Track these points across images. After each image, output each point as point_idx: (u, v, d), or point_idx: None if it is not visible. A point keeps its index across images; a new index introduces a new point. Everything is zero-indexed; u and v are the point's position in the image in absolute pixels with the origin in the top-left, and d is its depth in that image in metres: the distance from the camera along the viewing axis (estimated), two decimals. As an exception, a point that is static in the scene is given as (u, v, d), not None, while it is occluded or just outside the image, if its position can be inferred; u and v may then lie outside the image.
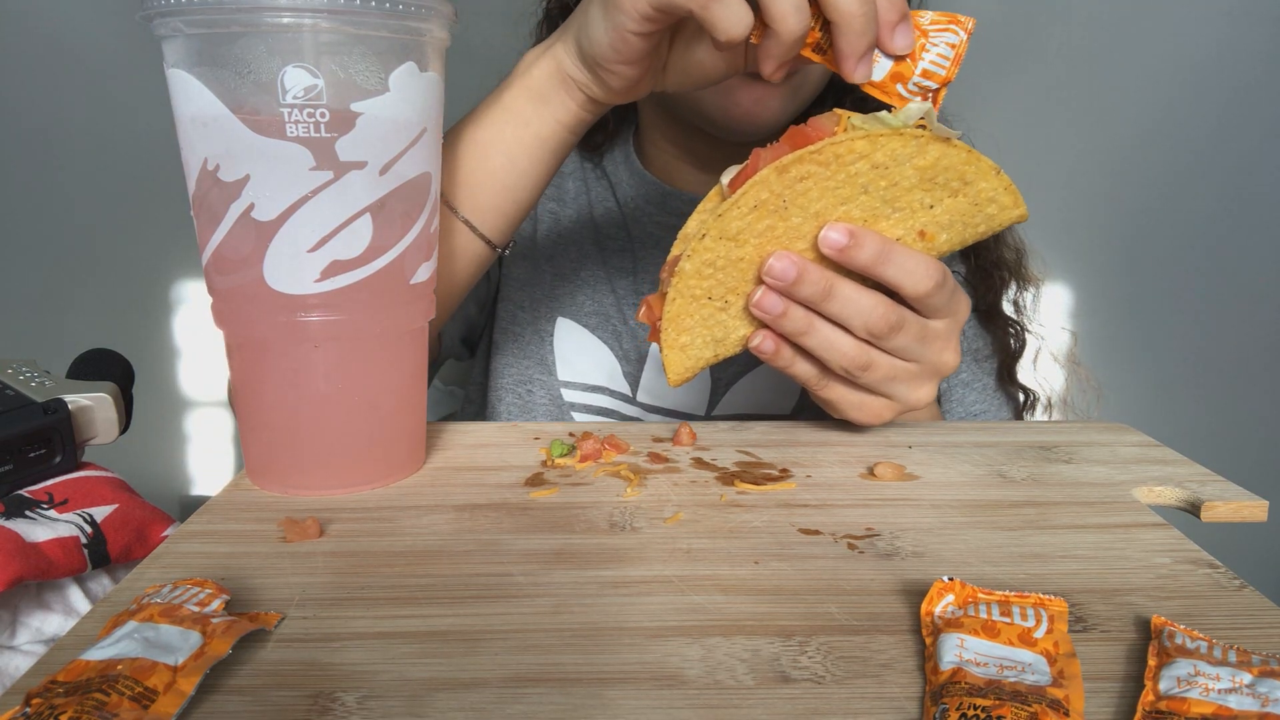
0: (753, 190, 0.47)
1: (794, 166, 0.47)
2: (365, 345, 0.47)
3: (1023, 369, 0.83)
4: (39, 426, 0.48)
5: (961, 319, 0.54)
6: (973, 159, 0.48)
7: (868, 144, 0.47)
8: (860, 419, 0.55)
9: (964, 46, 0.48)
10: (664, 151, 0.82)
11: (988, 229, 0.51)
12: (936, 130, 0.47)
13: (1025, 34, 1.36)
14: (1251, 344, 1.50)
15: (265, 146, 0.42)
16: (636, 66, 0.53)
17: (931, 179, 0.48)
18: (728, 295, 0.51)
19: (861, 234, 0.49)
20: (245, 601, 0.37)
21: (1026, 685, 0.30)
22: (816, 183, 0.47)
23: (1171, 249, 1.47)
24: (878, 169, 0.47)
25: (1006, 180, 0.49)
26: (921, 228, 0.50)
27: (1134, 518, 0.45)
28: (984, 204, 0.50)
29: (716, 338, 0.52)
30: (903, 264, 0.49)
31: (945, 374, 0.55)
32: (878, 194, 0.48)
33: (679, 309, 0.51)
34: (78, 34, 1.38)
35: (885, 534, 0.43)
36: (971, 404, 0.80)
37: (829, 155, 0.47)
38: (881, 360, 0.52)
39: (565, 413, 0.79)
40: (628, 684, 0.32)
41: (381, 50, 0.43)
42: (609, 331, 0.81)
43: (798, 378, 0.54)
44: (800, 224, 0.49)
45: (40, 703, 0.28)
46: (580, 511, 0.46)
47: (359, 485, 0.49)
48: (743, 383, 0.79)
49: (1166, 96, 1.40)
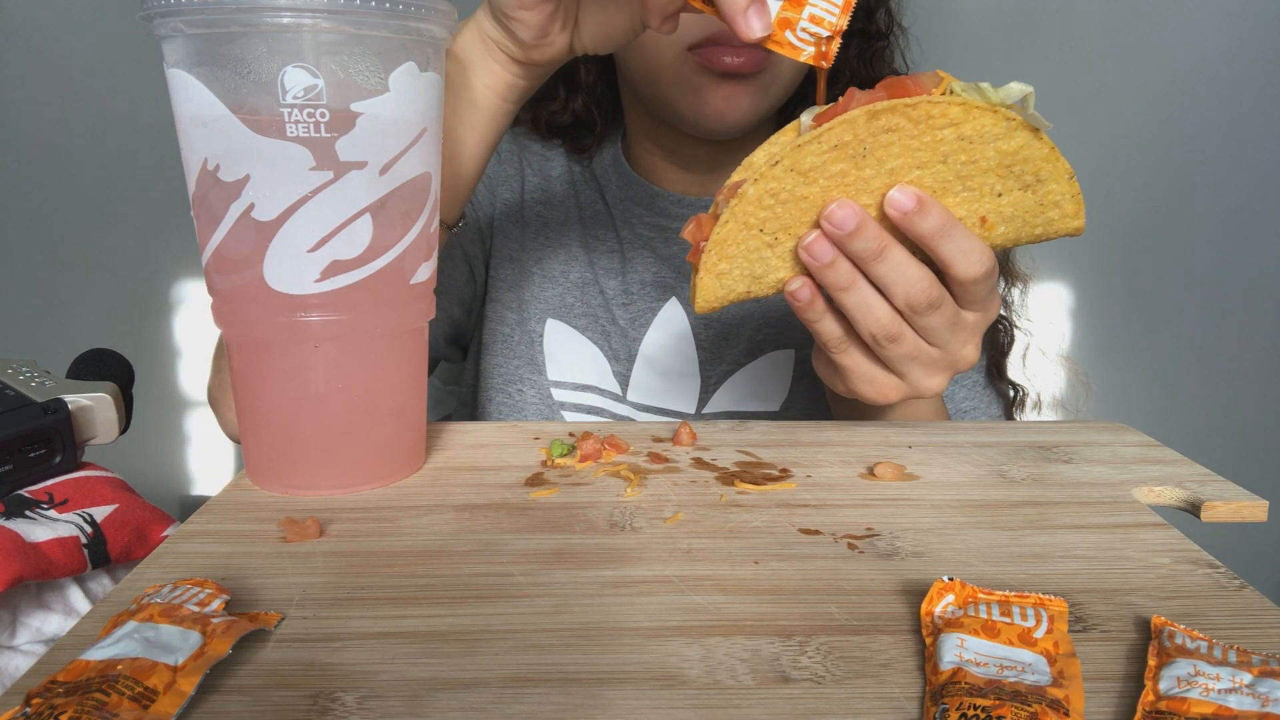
0: (839, 128, 0.46)
1: (885, 115, 0.46)
2: (365, 345, 0.47)
3: (1012, 366, 0.83)
4: (39, 426, 0.48)
5: (991, 318, 0.54)
6: (1053, 157, 0.48)
7: (961, 112, 0.46)
8: (868, 394, 0.55)
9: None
10: (650, 153, 0.83)
11: (1044, 233, 0.51)
12: (1030, 118, 0.46)
13: (1026, 33, 1.36)
14: (1252, 344, 1.50)
15: (265, 146, 0.42)
16: (535, 11, 0.53)
17: (1009, 167, 0.48)
18: (779, 232, 0.49)
19: (929, 203, 0.48)
20: (245, 601, 0.37)
21: (1026, 685, 0.30)
22: (901, 138, 0.47)
23: (1172, 248, 1.47)
24: (963, 140, 0.47)
25: (1076, 189, 0.49)
26: (984, 214, 0.49)
27: (1134, 518, 0.45)
28: (1049, 206, 0.49)
29: (755, 274, 0.51)
30: (960, 243, 0.49)
31: (962, 368, 0.54)
32: (955, 167, 0.48)
33: (729, 233, 0.49)
34: (78, 34, 1.39)
35: (885, 534, 0.43)
36: (960, 400, 0.80)
37: (921, 113, 0.46)
38: (909, 336, 0.51)
39: (555, 412, 0.79)
40: (627, 684, 0.32)
41: (381, 50, 0.43)
42: (598, 331, 0.81)
43: (820, 335, 0.53)
44: (872, 177, 0.48)
45: (40, 703, 0.28)
46: (580, 511, 0.46)
47: (359, 485, 0.49)
48: (732, 381, 0.79)
49: (1168, 95, 1.40)
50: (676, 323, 0.80)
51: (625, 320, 0.81)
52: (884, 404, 0.55)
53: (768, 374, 0.79)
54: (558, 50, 0.57)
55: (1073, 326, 1.52)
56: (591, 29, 0.56)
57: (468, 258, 0.83)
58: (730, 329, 0.80)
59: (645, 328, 0.80)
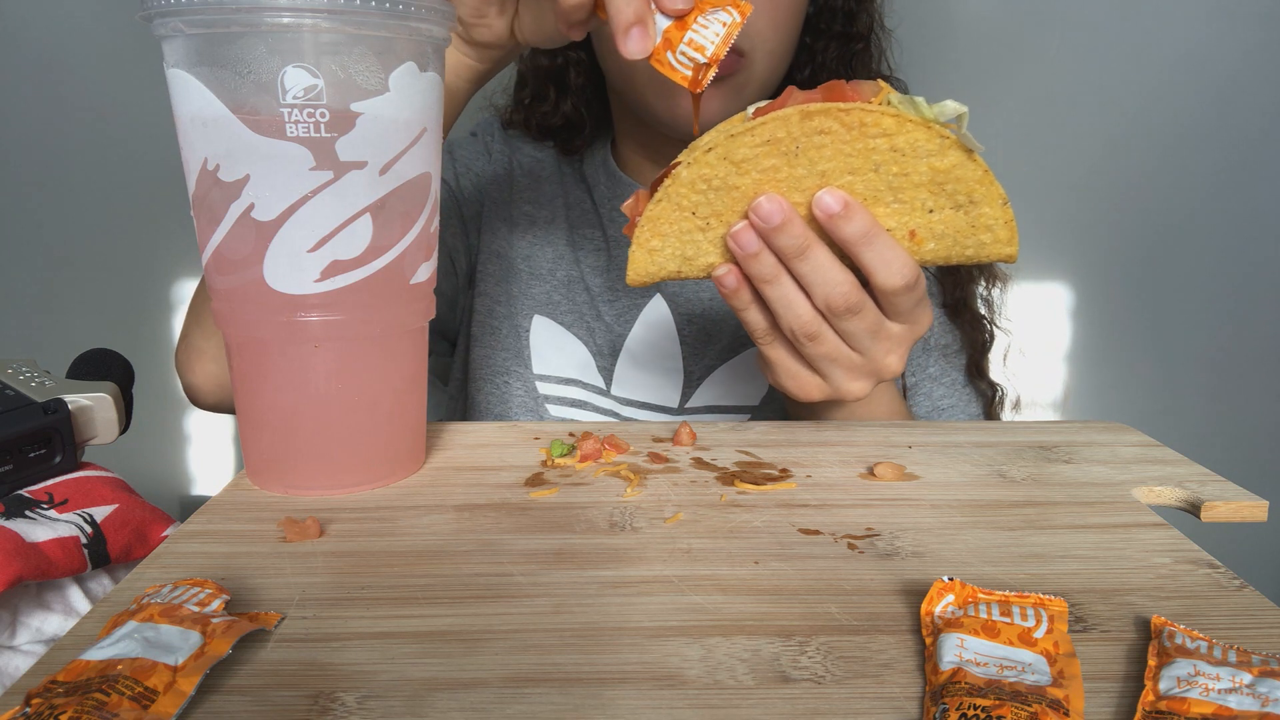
0: (771, 124, 0.47)
1: (818, 117, 0.46)
2: (365, 345, 0.47)
3: (992, 366, 0.83)
4: (39, 426, 0.48)
5: (919, 332, 0.55)
6: (987, 180, 0.48)
7: (895, 124, 0.46)
8: (791, 389, 0.56)
9: (736, 29, 0.48)
10: (635, 153, 0.85)
11: (975, 255, 0.51)
12: (963, 138, 0.47)
13: (1026, 33, 1.36)
14: (1252, 344, 1.50)
15: (265, 146, 0.42)
16: None
17: (941, 184, 0.48)
18: (711, 217, 0.51)
19: (856, 208, 0.49)
20: (245, 601, 0.37)
21: (1026, 685, 0.30)
22: (833, 140, 0.47)
23: (1172, 249, 1.47)
24: (896, 152, 0.47)
25: (1010, 215, 0.49)
26: (914, 228, 0.50)
27: (1134, 518, 0.45)
28: (980, 230, 0.50)
29: (686, 255, 0.52)
30: (882, 253, 0.50)
31: (885, 377, 0.55)
32: (886, 178, 0.48)
33: (661, 211, 0.51)
34: (78, 34, 1.38)
35: (885, 534, 0.43)
36: (939, 398, 0.80)
37: (855, 119, 0.47)
38: (829, 337, 0.52)
39: (540, 405, 0.80)
40: (627, 684, 0.32)
41: (381, 50, 0.43)
42: (584, 328, 0.82)
43: (747, 324, 0.54)
44: (804, 176, 0.49)
45: (40, 703, 0.28)
46: (580, 511, 0.46)
47: (359, 485, 0.49)
48: (714, 377, 0.80)
49: (1169, 95, 1.40)
50: (661, 319, 0.81)
51: (610, 316, 0.82)
52: (807, 401, 0.56)
53: (749, 370, 0.80)
54: (498, 33, 0.58)
55: (1073, 326, 1.51)
56: (528, 20, 0.58)
57: (448, 249, 0.85)
58: (713, 326, 0.81)
59: (630, 324, 0.81)
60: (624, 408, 0.81)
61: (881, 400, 0.65)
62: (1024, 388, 0.85)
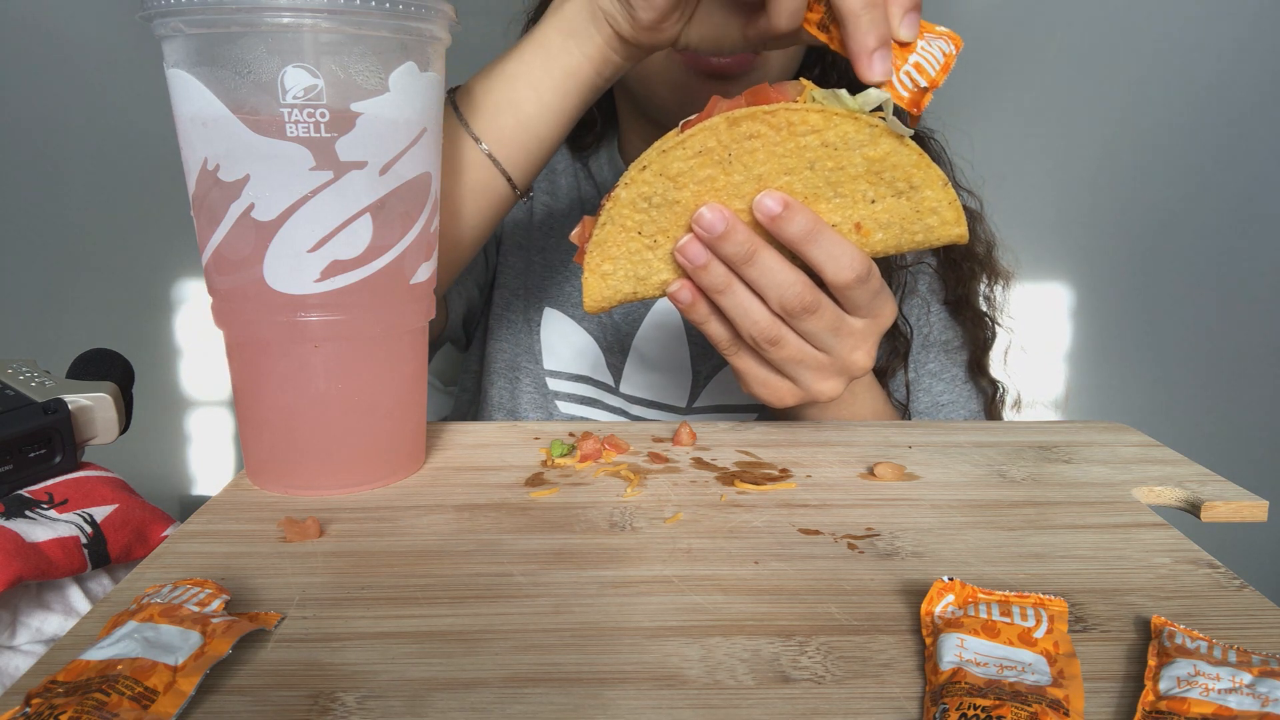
0: (700, 135, 0.47)
1: (745, 122, 0.46)
2: (365, 345, 0.47)
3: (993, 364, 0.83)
4: (39, 426, 0.48)
5: (883, 324, 0.54)
6: (923, 163, 0.48)
7: (822, 119, 0.46)
8: (764, 396, 0.55)
9: (953, 60, 0.48)
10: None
11: (925, 240, 0.51)
12: (891, 124, 0.47)
13: (1026, 33, 1.36)
14: (1252, 344, 1.50)
15: (265, 146, 0.42)
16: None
17: (878, 173, 0.48)
18: (658, 235, 0.50)
19: (796, 208, 0.49)
20: (245, 601, 0.37)
21: (1026, 685, 0.30)
22: (764, 144, 0.47)
23: (1172, 248, 1.47)
24: (827, 147, 0.47)
25: (952, 195, 0.49)
26: (859, 220, 0.50)
27: (1134, 518, 0.45)
28: (925, 213, 0.50)
29: (639, 275, 0.52)
30: (829, 248, 0.49)
31: (855, 374, 0.54)
32: (823, 174, 0.48)
33: (608, 235, 0.50)
34: (78, 34, 1.38)
35: (885, 534, 0.43)
36: (940, 394, 0.80)
37: (781, 120, 0.46)
38: (791, 340, 0.52)
39: (549, 401, 0.80)
40: (627, 684, 0.32)
41: (381, 50, 0.43)
42: (594, 322, 0.82)
43: (710, 337, 0.54)
44: (741, 183, 0.48)
45: (40, 703, 0.28)
46: (580, 511, 0.46)
47: (359, 485, 0.49)
48: (721, 376, 0.80)
49: (1169, 96, 1.40)
50: (669, 318, 0.81)
51: (619, 313, 0.83)
52: (783, 406, 0.56)
53: None
54: (666, 37, 0.57)
55: (1073, 326, 1.52)
56: (707, 29, 0.57)
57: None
58: None
59: (639, 322, 0.82)
60: (633, 406, 0.81)
61: (864, 399, 0.65)
62: (1025, 387, 0.85)
